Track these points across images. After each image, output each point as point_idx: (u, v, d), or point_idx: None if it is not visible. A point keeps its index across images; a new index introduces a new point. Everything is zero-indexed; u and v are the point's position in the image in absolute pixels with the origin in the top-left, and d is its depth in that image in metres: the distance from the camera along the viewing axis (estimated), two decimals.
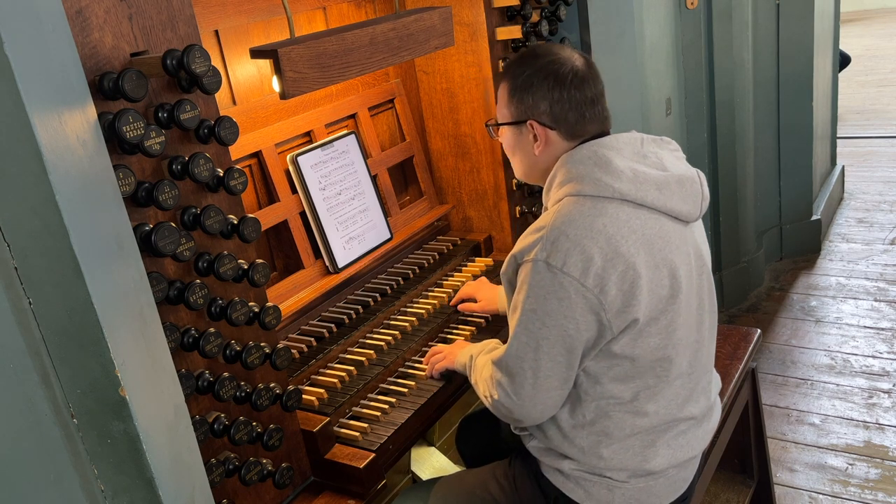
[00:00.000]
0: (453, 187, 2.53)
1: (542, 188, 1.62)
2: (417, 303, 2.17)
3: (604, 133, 1.57)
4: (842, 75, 6.47)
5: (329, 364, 1.91)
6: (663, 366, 1.52)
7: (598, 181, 1.46)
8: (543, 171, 1.60)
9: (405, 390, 1.84)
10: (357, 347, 1.98)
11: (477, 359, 1.69)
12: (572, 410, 1.56)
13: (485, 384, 1.61)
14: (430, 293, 2.22)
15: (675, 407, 1.56)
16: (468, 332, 2.06)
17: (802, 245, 4.49)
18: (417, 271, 2.29)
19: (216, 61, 1.84)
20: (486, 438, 2.04)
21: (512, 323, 1.52)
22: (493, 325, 2.09)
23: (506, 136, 1.64)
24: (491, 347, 1.71)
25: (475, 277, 2.29)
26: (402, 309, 2.14)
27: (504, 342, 1.89)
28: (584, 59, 1.57)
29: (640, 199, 1.46)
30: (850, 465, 2.83)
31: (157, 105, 1.32)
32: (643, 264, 1.44)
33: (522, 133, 1.59)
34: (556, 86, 1.52)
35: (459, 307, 2.11)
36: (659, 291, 1.47)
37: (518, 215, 2.48)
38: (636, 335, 1.47)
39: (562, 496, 1.62)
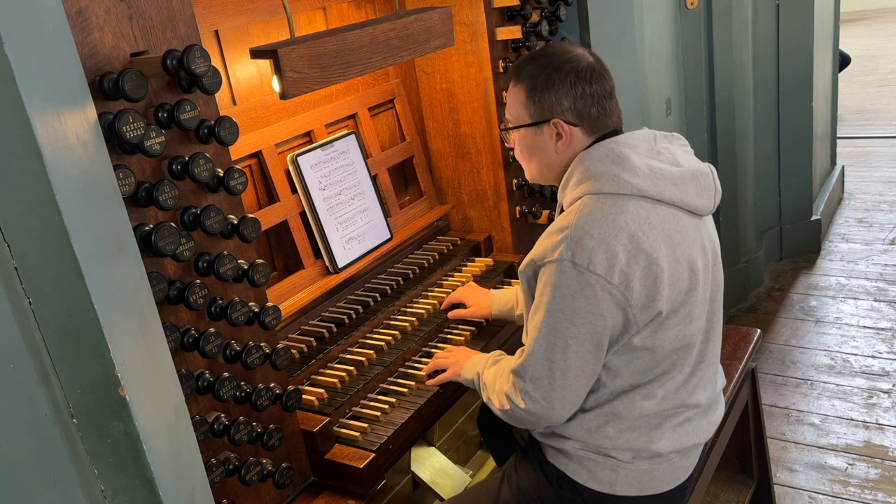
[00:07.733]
0: (453, 187, 2.53)
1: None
2: (417, 303, 2.17)
3: (617, 130, 1.58)
4: (842, 75, 6.47)
5: (329, 364, 1.91)
6: (679, 354, 1.55)
7: (617, 178, 1.47)
8: (561, 170, 1.59)
9: (405, 390, 1.84)
10: (357, 347, 1.98)
11: (484, 375, 1.68)
12: (584, 399, 1.57)
13: (501, 397, 1.57)
14: (430, 293, 2.22)
15: (684, 393, 1.58)
16: (468, 333, 2.06)
17: (802, 245, 4.48)
18: (417, 271, 2.29)
19: (216, 61, 1.84)
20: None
21: (533, 324, 1.50)
22: (493, 325, 2.09)
23: (522, 138, 1.61)
24: (494, 360, 1.70)
25: (475, 277, 2.29)
26: (402, 309, 2.14)
27: (504, 342, 1.87)
28: (593, 56, 1.57)
29: (657, 194, 1.47)
30: (850, 465, 2.83)
31: (157, 105, 1.32)
32: (664, 259, 1.46)
33: (542, 133, 1.57)
34: (577, 82, 1.51)
35: (449, 315, 2.09)
36: (679, 285, 1.49)
37: (518, 215, 2.47)
38: (657, 327, 1.49)
39: (564, 478, 1.62)
